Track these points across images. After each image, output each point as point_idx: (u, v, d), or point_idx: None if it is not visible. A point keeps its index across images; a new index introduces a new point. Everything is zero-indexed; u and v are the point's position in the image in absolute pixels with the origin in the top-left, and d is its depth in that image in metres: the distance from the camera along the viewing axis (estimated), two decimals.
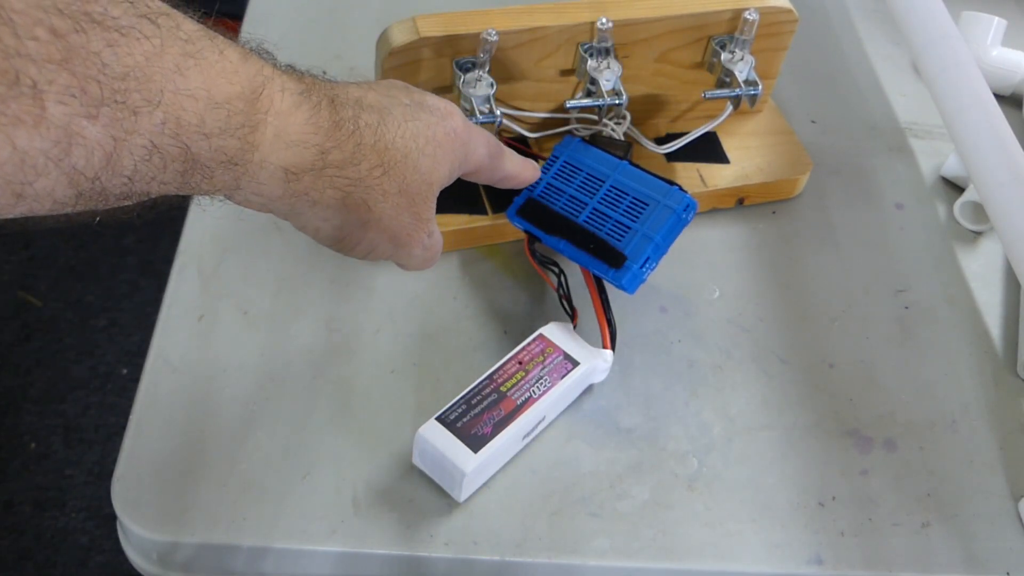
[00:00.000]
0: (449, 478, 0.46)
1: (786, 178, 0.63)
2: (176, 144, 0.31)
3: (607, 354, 0.51)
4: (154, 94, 0.30)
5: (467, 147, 0.44)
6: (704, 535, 0.47)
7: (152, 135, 0.30)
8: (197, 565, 0.46)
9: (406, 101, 0.42)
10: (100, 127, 0.29)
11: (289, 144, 0.36)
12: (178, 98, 0.31)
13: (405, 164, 0.40)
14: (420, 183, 0.41)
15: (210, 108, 0.32)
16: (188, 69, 0.31)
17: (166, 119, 0.31)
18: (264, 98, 0.35)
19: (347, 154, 0.38)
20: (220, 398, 0.50)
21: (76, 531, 1.29)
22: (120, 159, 0.30)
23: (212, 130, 0.33)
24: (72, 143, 0.28)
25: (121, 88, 0.29)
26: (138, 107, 0.30)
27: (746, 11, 0.58)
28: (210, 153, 0.33)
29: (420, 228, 0.43)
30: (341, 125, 0.38)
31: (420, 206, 0.42)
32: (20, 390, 1.42)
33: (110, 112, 0.29)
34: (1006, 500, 0.50)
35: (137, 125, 0.30)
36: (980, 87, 0.58)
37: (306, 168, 0.37)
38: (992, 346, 0.57)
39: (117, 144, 0.30)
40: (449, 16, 0.54)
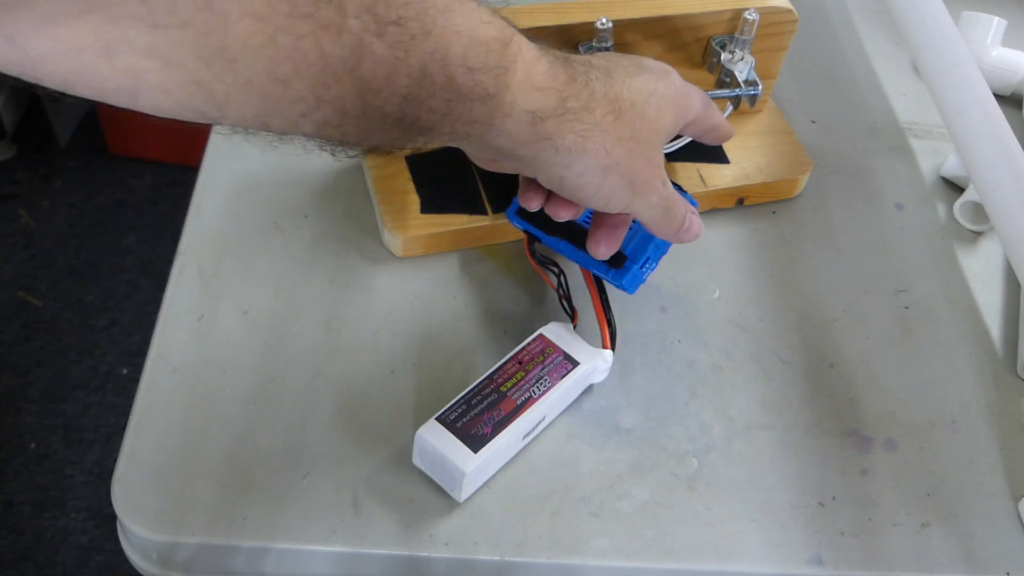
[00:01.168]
0: (449, 478, 0.46)
1: (786, 178, 0.63)
2: (443, 72, 0.35)
3: (607, 354, 0.51)
4: (427, 24, 0.34)
5: (686, 99, 0.47)
6: (704, 535, 0.47)
7: (424, 59, 0.34)
8: (197, 565, 0.46)
9: (626, 64, 0.45)
10: (385, 45, 0.33)
11: (535, 88, 0.39)
12: (447, 32, 0.35)
13: (633, 111, 0.43)
14: (649, 129, 0.44)
15: (472, 44, 0.36)
16: (454, 11, 0.36)
17: (436, 48, 0.35)
18: (514, 45, 0.39)
19: (583, 102, 0.41)
20: (220, 398, 0.50)
21: (76, 531, 1.29)
22: (398, 77, 0.34)
23: (473, 64, 0.36)
24: (363, 55, 0.33)
25: (403, 15, 0.33)
26: (415, 33, 0.34)
27: (746, 11, 0.58)
28: (470, 86, 0.37)
29: (654, 174, 0.45)
30: (576, 78, 0.41)
31: (651, 152, 0.44)
32: (20, 390, 1.42)
33: (394, 33, 0.33)
34: (1006, 500, 0.50)
35: (413, 48, 0.34)
36: (980, 87, 0.58)
37: (549, 113, 0.40)
38: (992, 346, 0.57)
39: (396, 63, 0.34)
40: None
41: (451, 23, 0.35)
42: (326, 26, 0.31)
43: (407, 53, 0.34)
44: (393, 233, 0.56)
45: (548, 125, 0.40)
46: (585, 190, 0.44)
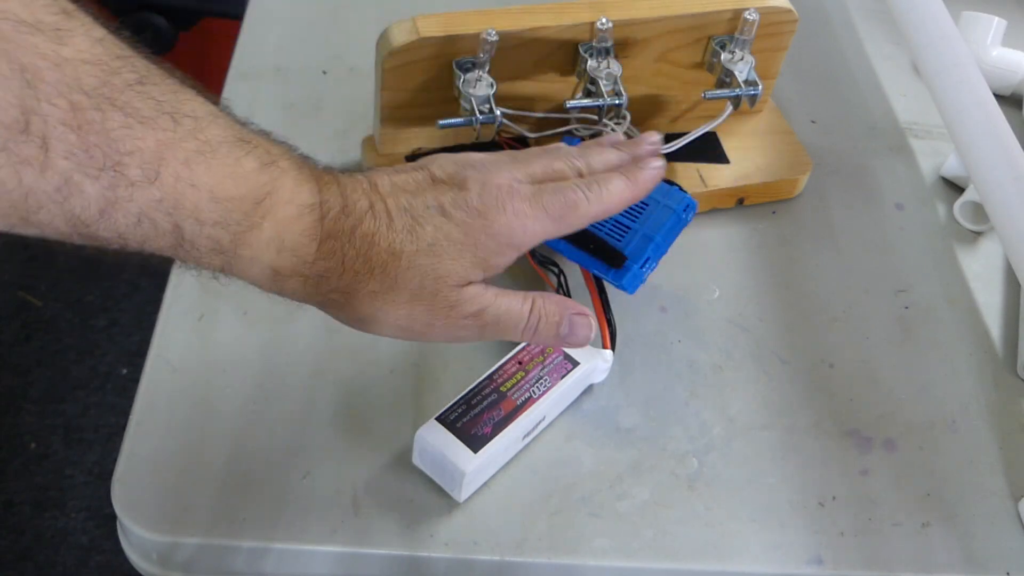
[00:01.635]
0: (449, 478, 0.46)
1: (786, 178, 0.63)
2: (169, 220, 0.35)
3: (607, 354, 0.51)
4: (152, 174, 0.34)
5: (509, 237, 0.42)
6: (704, 535, 0.47)
7: (146, 206, 0.34)
8: (197, 565, 0.46)
9: (428, 203, 0.41)
10: (99, 186, 0.33)
11: (281, 249, 0.38)
12: (179, 184, 0.35)
13: (398, 265, 0.40)
14: (419, 279, 0.40)
15: (209, 200, 0.36)
16: (197, 164, 0.35)
17: (163, 197, 0.34)
18: (266, 204, 0.37)
19: (331, 264, 0.39)
20: (220, 398, 0.50)
21: (76, 531, 1.29)
22: (114, 217, 0.34)
23: (206, 219, 0.36)
24: (71, 192, 0.32)
25: (124, 162, 0.33)
26: (136, 180, 0.33)
27: (746, 11, 0.58)
28: (201, 238, 0.36)
29: (438, 315, 0.41)
30: (335, 236, 0.39)
31: (428, 299, 0.41)
32: (20, 390, 1.42)
33: (110, 177, 0.33)
34: (1006, 500, 0.50)
35: (133, 194, 0.34)
36: (980, 87, 0.58)
37: (293, 273, 0.39)
38: (992, 346, 0.57)
39: (111, 204, 0.33)
40: (449, 16, 0.54)
41: (186, 176, 0.35)
42: (26, 161, 0.31)
43: (124, 198, 0.33)
44: None
45: (291, 282, 0.39)
46: (359, 329, 0.42)
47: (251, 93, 0.67)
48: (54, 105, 0.31)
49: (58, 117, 0.31)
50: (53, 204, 0.32)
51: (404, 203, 0.41)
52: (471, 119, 0.55)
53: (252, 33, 0.72)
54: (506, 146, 0.59)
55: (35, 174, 0.31)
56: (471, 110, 0.55)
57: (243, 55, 0.70)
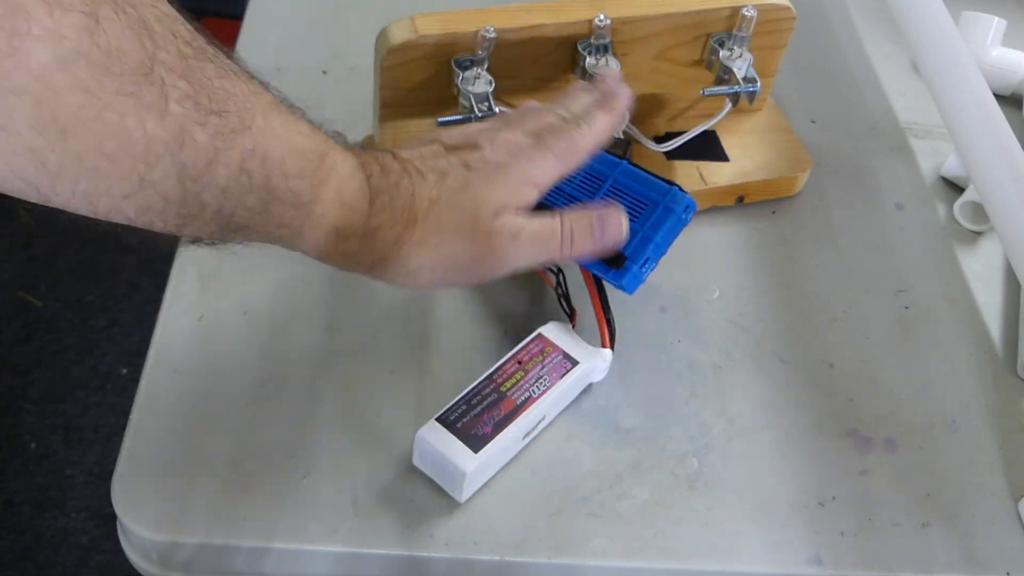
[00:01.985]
0: (450, 478, 0.46)
1: (786, 176, 0.63)
2: (261, 171, 0.37)
3: (606, 353, 0.51)
4: (247, 120, 0.36)
5: (522, 181, 0.45)
6: (704, 535, 0.47)
7: (243, 155, 0.36)
8: (197, 565, 0.46)
9: (452, 161, 0.44)
10: (206, 134, 0.34)
11: (343, 205, 0.40)
12: (266, 133, 0.37)
13: (438, 208, 0.43)
14: (460, 214, 0.43)
15: (290, 152, 0.38)
16: (274, 117, 0.37)
17: (256, 145, 0.36)
18: (329, 160, 0.40)
19: (384, 218, 0.42)
20: (220, 398, 0.50)
21: (76, 531, 1.29)
22: (217, 167, 0.35)
23: (289, 170, 0.38)
24: (185, 140, 0.34)
25: (224, 109, 0.35)
26: (235, 127, 0.35)
27: (744, 8, 0.58)
28: (286, 190, 0.38)
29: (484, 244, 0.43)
30: (382, 192, 0.42)
31: (469, 231, 0.43)
32: (20, 390, 1.42)
33: (216, 124, 0.35)
34: (1006, 500, 0.50)
35: (233, 141, 0.35)
36: (980, 87, 0.58)
37: (353, 231, 0.41)
38: (992, 346, 0.57)
39: (216, 152, 0.35)
40: (448, 15, 0.54)
41: (271, 125, 0.37)
42: (149, 107, 0.33)
43: (227, 145, 0.35)
44: None
45: (352, 244, 0.41)
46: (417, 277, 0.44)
47: None
48: (167, 52, 0.33)
49: (170, 63, 0.33)
50: (169, 155, 0.34)
51: (431, 164, 0.44)
52: (470, 117, 0.55)
53: (252, 33, 0.72)
54: None
55: (156, 121, 0.33)
56: (470, 108, 0.55)
57: (243, 55, 0.69)
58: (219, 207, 0.36)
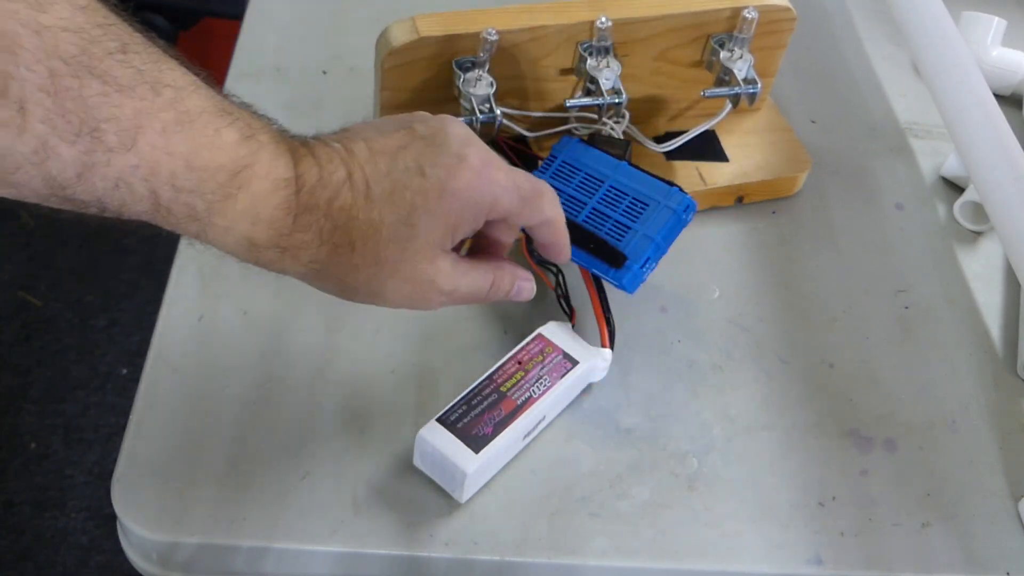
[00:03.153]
0: (451, 479, 0.46)
1: (785, 176, 0.63)
2: (145, 186, 0.35)
3: (606, 353, 0.51)
4: (128, 141, 0.34)
5: (479, 202, 0.43)
6: (704, 535, 0.47)
7: (123, 172, 0.35)
8: (197, 565, 0.46)
9: (408, 164, 0.42)
10: (75, 151, 0.33)
11: (256, 221, 0.39)
12: (155, 151, 0.35)
13: (378, 238, 0.41)
14: (400, 252, 0.41)
15: (185, 169, 0.36)
16: (174, 134, 0.35)
17: (140, 164, 0.35)
18: (242, 176, 0.38)
19: (309, 237, 0.40)
20: (220, 398, 0.50)
21: (76, 531, 1.29)
22: (91, 180, 0.34)
23: (182, 186, 0.36)
24: (48, 155, 0.33)
25: (101, 128, 0.34)
26: (113, 147, 0.34)
27: (745, 9, 0.58)
28: (177, 204, 0.37)
29: (416, 288, 0.43)
30: (312, 209, 0.40)
31: (407, 272, 0.42)
32: (20, 390, 1.42)
33: (87, 142, 0.33)
34: (1006, 500, 0.50)
35: (109, 159, 0.34)
36: (980, 87, 0.58)
37: (269, 244, 0.39)
38: (992, 346, 0.57)
39: (88, 168, 0.34)
40: (449, 16, 0.54)
41: (166, 145, 0.35)
42: (3, 123, 0.32)
43: (100, 163, 0.34)
44: None
45: (268, 253, 0.40)
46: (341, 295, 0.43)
47: (251, 93, 0.66)
48: (32, 71, 0.32)
49: (36, 83, 0.32)
50: (31, 166, 0.33)
51: (382, 168, 0.41)
52: (471, 118, 0.55)
53: (252, 33, 0.72)
54: (505, 146, 0.59)
55: (12, 136, 0.32)
56: (471, 109, 0.55)
57: (243, 55, 0.70)
58: (102, 207, 0.36)
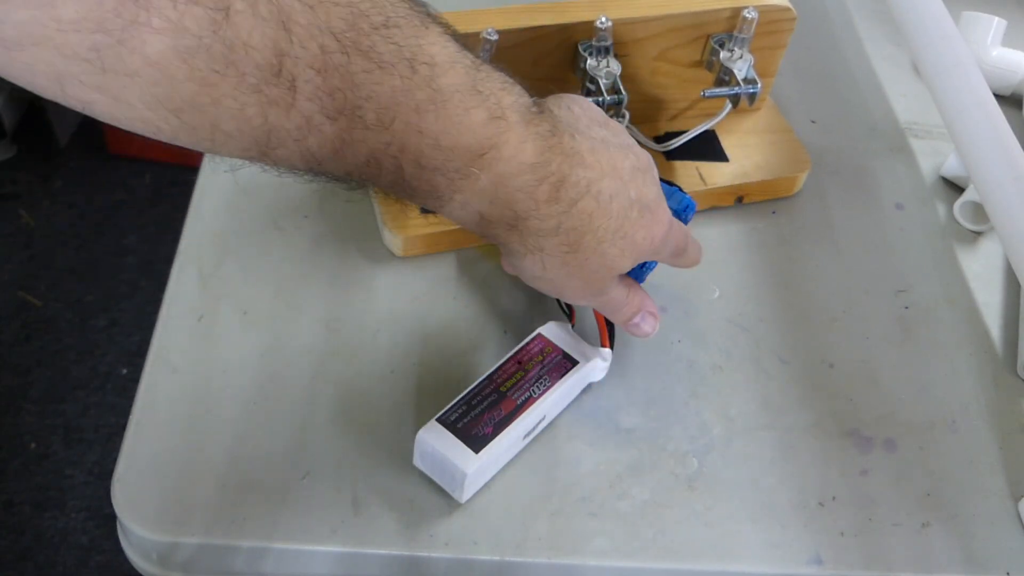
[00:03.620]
0: (451, 479, 0.46)
1: (785, 176, 0.63)
2: (394, 163, 0.37)
3: (605, 352, 0.51)
4: (386, 119, 0.35)
5: (655, 250, 0.46)
6: (704, 535, 0.47)
7: (376, 149, 0.36)
8: (197, 565, 0.46)
9: (632, 196, 0.44)
10: (336, 128, 0.34)
11: (494, 200, 0.40)
12: (408, 129, 0.36)
13: (595, 250, 0.43)
14: (600, 267, 0.44)
15: (433, 147, 0.37)
16: (427, 112, 0.36)
17: (392, 141, 0.36)
18: (487, 158, 0.39)
19: (547, 227, 0.41)
20: (220, 398, 0.50)
21: (76, 531, 1.29)
22: (344, 156, 0.36)
23: (428, 163, 0.37)
24: (311, 131, 0.34)
25: (362, 106, 0.34)
26: (371, 124, 0.35)
27: (745, 9, 0.58)
28: (420, 181, 0.38)
29: (589, 290, 0.46)
30: (557, 201, 0.41)
31: (595, 283, 0.45)
32: (20, 390, 1.42)
33: (347, 119, 0.34)
34: (1006, 500, 0.50)
35: (366, 137, 0.35)
36: (980, 87, 0.58)
37: (499, 223, 0.41)
38: (992, 346, 0.57)
39: (345, 144, 0.35)
40: (449, 16, 0.54)
41: (418, 123, 0.36)
42: (274, 102, 0.33)
43: (357, 140, 0.35)
44: (393, 233, 0.56)
45: (496, 229, 0.41)
46: (523, 274, 0.45)
47: None
48: (305, 48, 0.32)
49: (307, 60, 0.32)
50: (293, 142, 0.34)
51: (616, 188, 0.43)
52: None
53: None
54: None
55: (281, 114, 0.33)
56: None
57: None
58: (346, 175, 0.37)
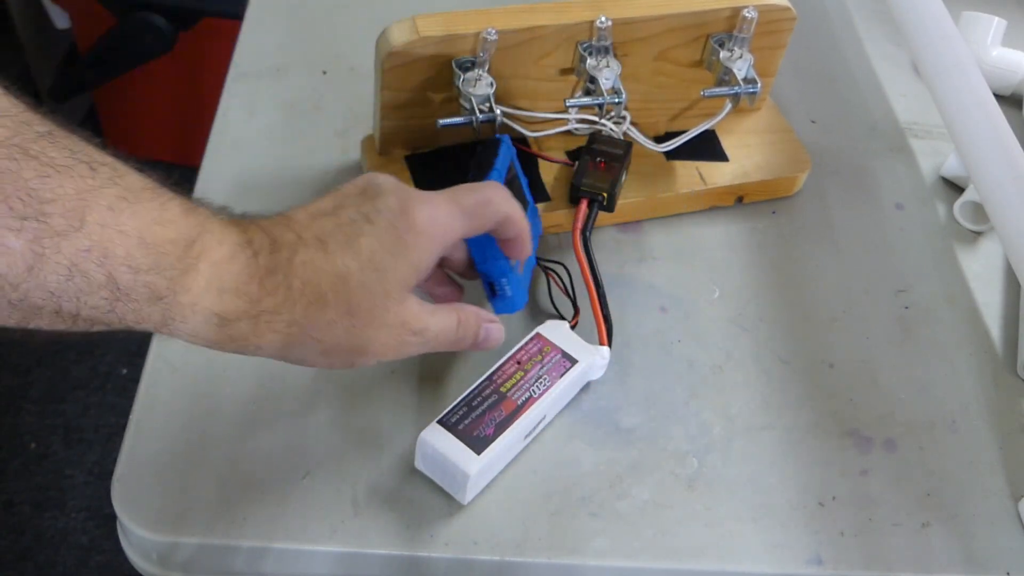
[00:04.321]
0: (453, 481, 0.46)
1: (785, 176, 0.63)
2: (101, 271, 0.33)
3: (604, 351, 0.51)
4: (76, 222, 0.32)
5: (432, 234, 0.43)
6: (704, 535, 0.47)
7: (75, 257, 0.33)
8: (197, 565, 0.46)
9: (352, 216, 0.41)
10: (23, 240, 0.31)
11: (222, 291, 0.37)
12: (106, 231, 0.33)
13: (348, 287, 0.40)
14: (371, 298, 0.41)
15: (139, 246, 0.34)
16: (122, 210, 0.34)
17: (92, 246, 0.33)
18: (198, 247, 0.36)
19: (280, 299, 0.38)
20: (220, 398, 0.50)
21: (76, 531, 1.29)
22: (43, 273, 0.32)
23: (140, 265, 0.34)
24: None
25: (46, 211, 0.32)
26: (62, 230, 0.32)
27: (744, 9, 0.58)
28: (136, 286, 0.35)
29: (392, 334, 0.42)
30: (275, 271, 0.38)
31: (381, 318, 0.41)
32: (20, 390, 1.42)
33: (33, 228, 0.31)
34: (1006, 500, 0.50)
35: (60, 245, 0.32)
36: (980, 87, 0.58)
37: (240, 315, 0.38)
38: (992, 346, 0.57)
39: (38, 258, 0.32)
40: (448, 16, 0.54)
41: (112, 223, 0.33)
42: None
43: (51, 250, 0.32)
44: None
45: (240, 326, 0.38)
46: (318, 365, 0.42)
47: (251, 93, 0.67)
48: None
49: None
50: None
51: (328, 225, 0.41)
52: (471, 118, 0.55)
53: (252, 33, 0.72)
54: None
55: None
56: (471, 109, 0.55)
57: (243, 55, 0.70)
58: (57, 308, 0.34)
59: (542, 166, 0.60)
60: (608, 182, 0.56)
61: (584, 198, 0.56)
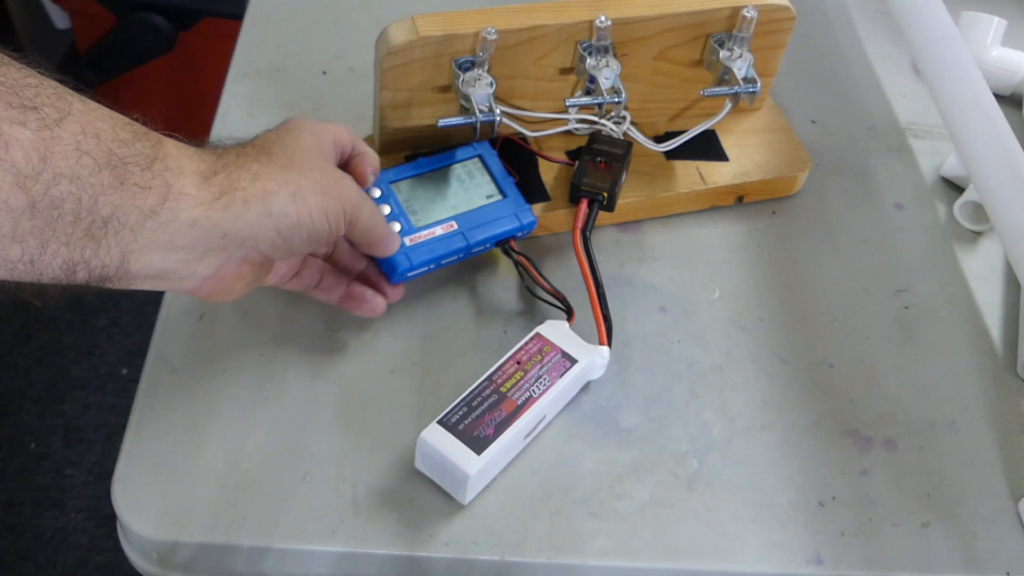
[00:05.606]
0: (453, 481, 0.46)
1: (785, 175, 0.63)
2: (100, 148, 0.37)
3: (604, 350, 0.51)
4: (66, 109, 0.36)
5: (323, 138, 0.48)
6: (704, 535, 0.47)
7: (76, 138, 0.36)
8: (197, 565, 0.46)
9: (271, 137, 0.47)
10: (31, 130, 0.35)
11: (190, 156, 0.41)
12: (89, 115, 0.37)
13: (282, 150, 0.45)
14: (304, 156, 0.46)
15: (119, 125, 0.39)
16: (89, 100, 0.38)
17: (84, 128, 0.37)
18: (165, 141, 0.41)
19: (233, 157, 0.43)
20: (220, 398, 0.50)
21: (76, 531, 1.29)
22: (55, 159, 0.35)
23: (125, 137, 0.38)
24: (9, 142, 0.34)
25: (39, 103, 0.35)
26: (57, 118, 0.36)
27: (744, 8, 0.58)
28: (131, 154, 0.38)
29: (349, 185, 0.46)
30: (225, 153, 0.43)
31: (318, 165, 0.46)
32: (20, 390, 1.42)
33: (35, 118, 0.35)
34: (1006, 500, 0.50)
35: (61, 129, 0.36)
36: (980, 87, 0.58)
37: (215, 169, 0.42)
38: (992, 346, 0.57)
39: (47, 144, 0.35)
40: (448, 15, 0.54)
41: (92, 109, 0.38)
42: None
43: (56, 135, 0.35)
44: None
45: (220, 179, 0.41)
46: (302, 224, 0.44)
47: (251, 93, 0.67)
48: None
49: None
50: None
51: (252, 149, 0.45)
52: (471, 118, 0.55)
53: (252, 33, 0.72)
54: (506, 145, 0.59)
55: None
56: (471, 109, 0.55)
57: (243, 55, 0.70)
58: (77, 198, 0.36)
59: (542, 166, 0.60)
60: (608, 182, 0.56)
61: (584, 198, 0.56)
